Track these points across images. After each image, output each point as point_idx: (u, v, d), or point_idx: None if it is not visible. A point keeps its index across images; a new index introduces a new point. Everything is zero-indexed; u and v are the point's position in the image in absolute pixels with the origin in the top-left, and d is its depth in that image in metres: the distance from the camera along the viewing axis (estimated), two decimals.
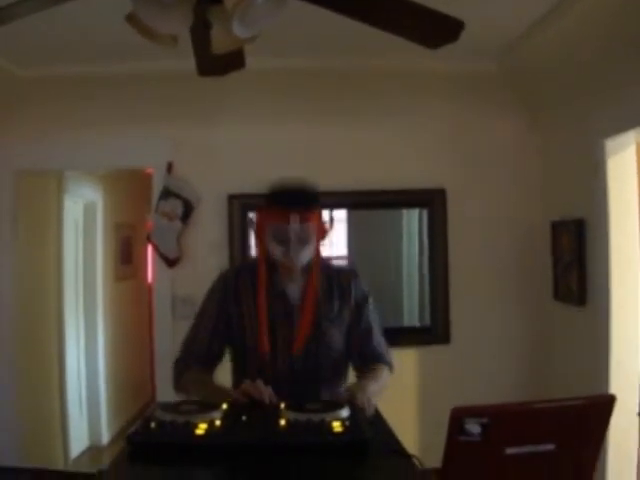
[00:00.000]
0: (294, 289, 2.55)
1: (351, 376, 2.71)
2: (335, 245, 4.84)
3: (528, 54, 4.23)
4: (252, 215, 4.26)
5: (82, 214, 6.19)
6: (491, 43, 4.22)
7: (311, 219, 2.41)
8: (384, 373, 2.59)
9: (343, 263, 4.80)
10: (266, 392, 2.16)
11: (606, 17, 3.33)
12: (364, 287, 2.67)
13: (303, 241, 2.41)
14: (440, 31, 2.43)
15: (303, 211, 2.39)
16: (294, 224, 2.37)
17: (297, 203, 2.41)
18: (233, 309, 2.55)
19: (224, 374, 2.65)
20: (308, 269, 2.54)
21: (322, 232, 2.51)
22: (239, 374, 2.62)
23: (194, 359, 2.56)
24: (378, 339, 2.66)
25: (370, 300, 2.66)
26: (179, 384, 2.57)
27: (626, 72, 3.39)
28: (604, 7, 3.29)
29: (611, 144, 3.76)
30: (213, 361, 2.59)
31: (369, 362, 2.61)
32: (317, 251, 2.54)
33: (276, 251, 2.44)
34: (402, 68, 4.50)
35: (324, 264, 2.65)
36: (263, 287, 2.50)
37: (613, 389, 3.67)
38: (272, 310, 2.51)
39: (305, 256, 2.45)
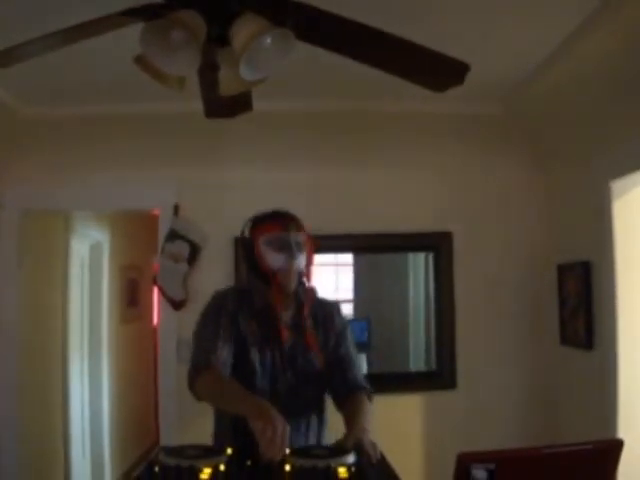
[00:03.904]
0: (286, 314, 2.66)
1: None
2: (341, 289, 4.82)
3: (532, 97, 4.26)
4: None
5: (88, 255, 6.18)
6: (495, 86, 4.25)
7: (303, 230, 2.65)
8: (368, 404, 2.62)
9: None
10: (283, 447, 1.99)
11: (609, 59, 3.36)
12: (344, 318, 2.85)
13: (301, 249, 2.59)
14: (446, 74, 2.46)
15: (297, 222, 2.65)
16: (293, 232, 2.59)
17: (291, 216, 2.68)
18: (243, 325, 2.60)
19: None
20: (297, 296, 2.68)
21: (312, 245, 2.67)
22: None
23: (214, 362, 2.46)
24: (358, 365, 2.79)
25: (349, 330, 2.82)
26: (200, 387, 2.45)
27: (630, 113, 3.41)
28: (606, 49, 3.33)
29: (617, 186, 3.76)
30: (226, 368, 2.52)
31: (350, 390, 2.66)
32: (309, 273, 2.68)
33: (277, 260, 2.56)
34: (408, 111, 4.51)
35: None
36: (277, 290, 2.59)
37: (621, 434, 3.62)
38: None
39: (302, 263, 2.61)
